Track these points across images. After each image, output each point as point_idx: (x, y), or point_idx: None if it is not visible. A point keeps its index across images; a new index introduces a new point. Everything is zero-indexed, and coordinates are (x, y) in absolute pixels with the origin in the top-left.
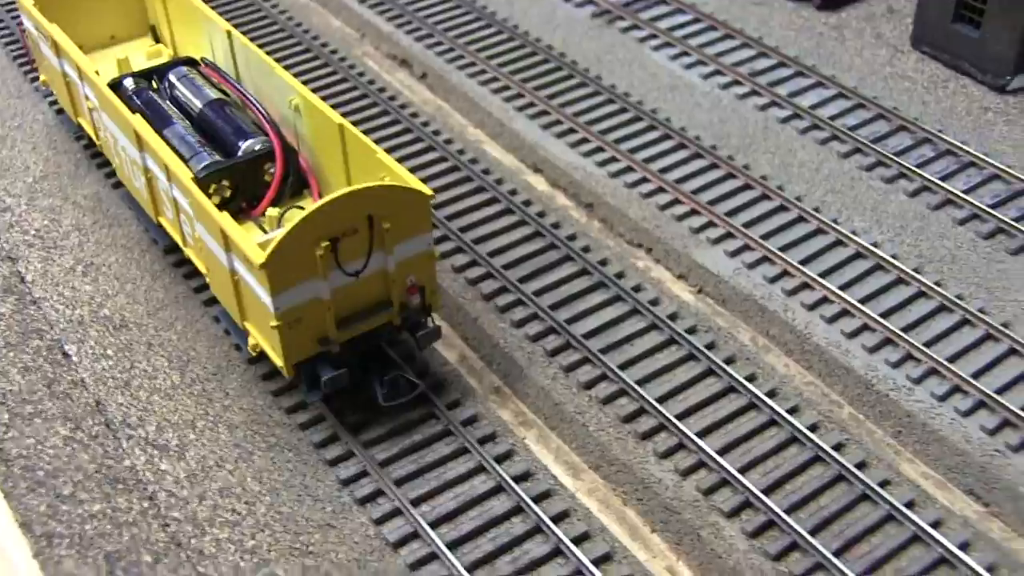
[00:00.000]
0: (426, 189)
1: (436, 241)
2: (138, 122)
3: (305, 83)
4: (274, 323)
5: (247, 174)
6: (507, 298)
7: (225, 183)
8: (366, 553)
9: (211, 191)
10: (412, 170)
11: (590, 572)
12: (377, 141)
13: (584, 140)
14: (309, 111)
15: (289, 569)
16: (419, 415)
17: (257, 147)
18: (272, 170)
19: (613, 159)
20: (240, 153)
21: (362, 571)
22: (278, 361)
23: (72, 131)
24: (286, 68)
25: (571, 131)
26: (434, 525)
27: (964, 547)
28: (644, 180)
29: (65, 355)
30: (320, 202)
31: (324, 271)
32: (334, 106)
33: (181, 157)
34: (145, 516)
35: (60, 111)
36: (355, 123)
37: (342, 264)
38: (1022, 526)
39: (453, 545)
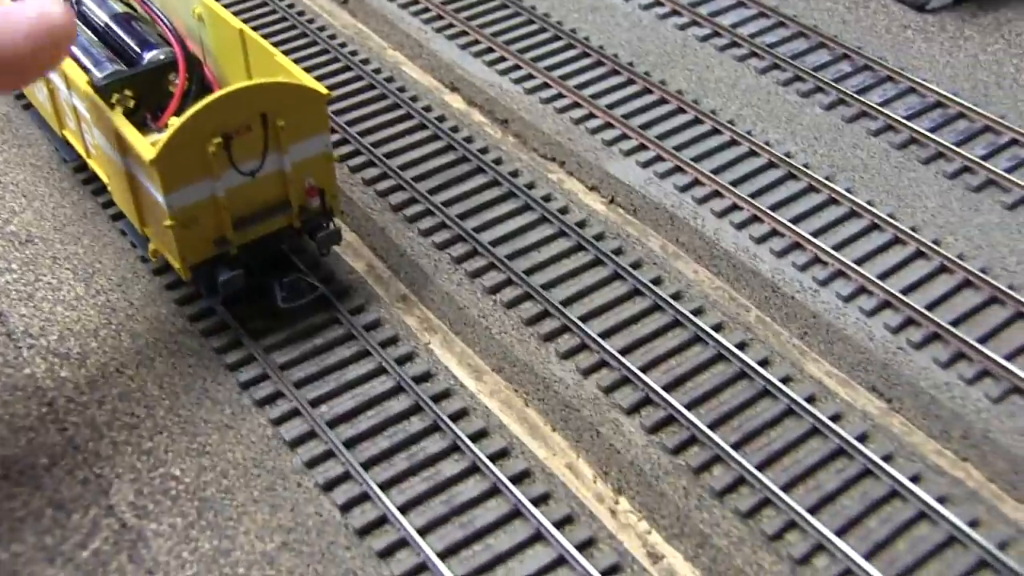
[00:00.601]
0: (321, 88)
1: (346, 156)
2: None
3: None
4: (168, 222)
5: (151, 84)
6: (415, 208)
7: (128, 93)
8: (263, 452)
9: (114, 101)
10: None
11: (485, 466)
12: (296, 62)
13: (501, 59)
14: (212, 19)
15: (186, 468)
16: (322, 320)
17: (161, 57)
18: (176, 81)
19: (529, 76)
20: (144, 63)
21: (258, 469)
22: (175, 263)
23: None
24: None
25: (489, 50)
26: (331, 424)
27: (863, 439)
28: (559, 96)
29: None
30: (210, 97)
31: (218, 169)
32: (253, 29)
33: (84, 68)
34: (43, 422)
35: None
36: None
37: (236, 163)
38: (921, 420)
39: (350, 443)
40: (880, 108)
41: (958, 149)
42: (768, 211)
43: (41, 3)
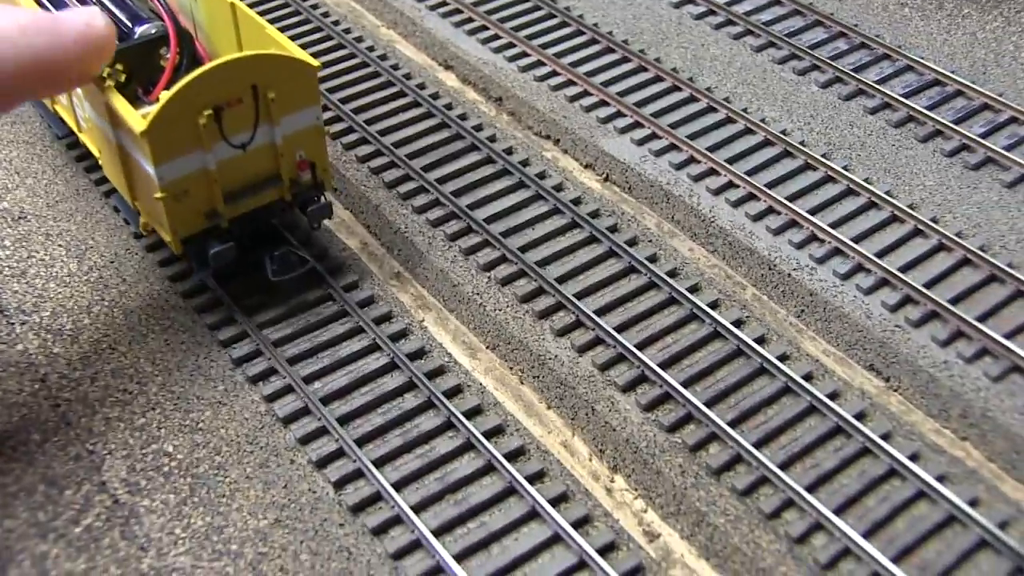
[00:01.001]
0: (312, 60)
1: (340, 133)
2: (28, 4)
3: None
4: (159, 195)
5: (142, 58)
6: (409, 186)
7: (119, 67)
8: (256, 429)
9: (105, 75)
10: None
11: (480, 443)
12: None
13: (496, 37)
14: None
15: (179, 445)
16: (315, 297)
17: (152, 31)
18: (168, 55)
19: (524, 54)
20: (135, 37)
21: (251, 446)
22: (166, 236)
23: None
24: None
25: (483, 28)
26: (325, 401)
27: (861, 417)
28: (554, 73)
29: None
30: (201, 69)
31: (209, 142)
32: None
33: None
34: (36, 397)
35: None
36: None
37: (227, 136)
38: (920, 399)
39: (343, 420)
40: (877, 86)
41: (956, 127)
42: (764, 189)
43: (89, 14)
